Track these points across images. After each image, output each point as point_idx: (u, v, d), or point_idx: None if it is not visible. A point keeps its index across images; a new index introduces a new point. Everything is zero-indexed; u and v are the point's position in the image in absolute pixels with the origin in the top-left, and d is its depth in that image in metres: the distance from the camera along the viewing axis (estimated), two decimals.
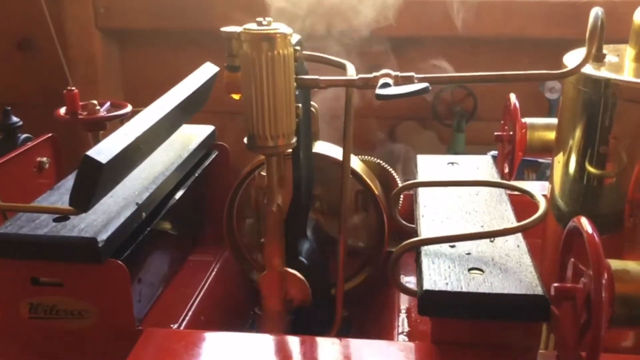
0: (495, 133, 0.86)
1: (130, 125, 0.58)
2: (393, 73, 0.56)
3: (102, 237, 0.55)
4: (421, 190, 0.72)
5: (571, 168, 0.63)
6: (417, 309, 0.52)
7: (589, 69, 0.59)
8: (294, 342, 0.55)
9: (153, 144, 0.63)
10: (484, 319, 0.52)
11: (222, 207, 0.77)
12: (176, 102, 0.66)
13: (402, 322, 0.70)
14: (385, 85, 0.53)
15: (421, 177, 0.77)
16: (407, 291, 0.53)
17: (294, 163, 0.61)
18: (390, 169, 0.83)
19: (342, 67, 0.62)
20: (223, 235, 0.78)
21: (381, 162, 0.83)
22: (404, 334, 0.68)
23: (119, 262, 0.56)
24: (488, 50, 1.55)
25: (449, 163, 0.81)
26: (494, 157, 0.88)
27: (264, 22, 0.53)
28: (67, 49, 1.53)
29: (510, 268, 0.55)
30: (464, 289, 0.51)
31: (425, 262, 0.56)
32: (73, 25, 1.54)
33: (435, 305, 0.52)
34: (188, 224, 0.80)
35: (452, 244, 0.59)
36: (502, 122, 0.85)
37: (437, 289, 0.52)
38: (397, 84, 0.55)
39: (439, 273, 0.54)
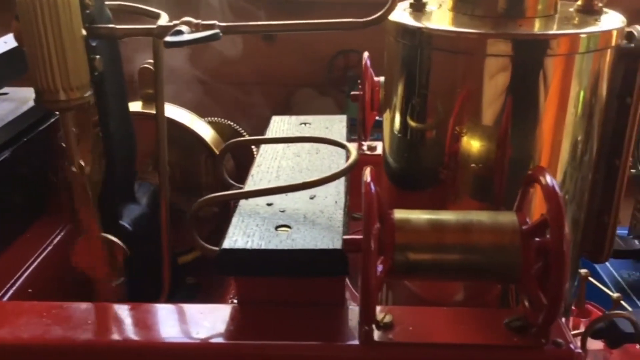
0: (352, 93, 0.85)
1: None
2: (194, 21, 0.52)
3: None
4: (262, 150, 0.70)
5: (396, 123, 0.61)
6: None
7: (406, 19, 0.58)
8: (88, 310, 0.52)
9: None
10: (285, 276, 0.50)
11: None
12: None
13: None
14: (178, 33, 0.50)
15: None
16: (207, 250, 0.51)
17: (101, 120, 0.57)
18: (243, 132, 0.80)
19: (157, 17, 0.58)
20: None
21: (232, 123, 0.80)
22: None
23: None
24: None
25: (301, 123, 0.79)
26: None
27: None
28: None
29: (319, 224, 0.53)
30: (263, 247, 0.50)
31: (234, 220, 0.54)
32: None
33: (233, 264, 0.50)
34: (22, 191, 0.75)
35: (269, 202, 0.57)
36: (358, 81, 0.84)
37: (235, 247, 0.50)
38: (197, 32, 0.52)
39: (244, 231, 0.52)
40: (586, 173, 0.59)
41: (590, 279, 0.83)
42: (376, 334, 0.47)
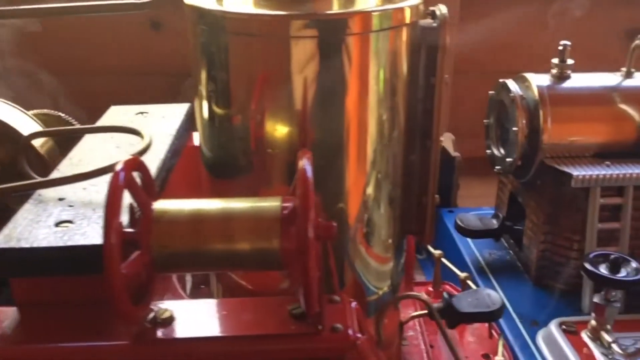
0: None
1: None
2: None
3: None
4: (83, 141, 0.66)
5: (204, 111, 0.59)
6: None
7: (200, 1, 0.55)
8: None
9: None
10: (57, 274, 0.47)
11: None
12: None
13: None
14: None
15: None
16: None
17: None
18: (74, 122, 0.77)
19: None
20: None
21: (63, 115, 0.76)
22: None
23: None
24: None
25: (138, 113, 0.76)
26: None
27: None
28: None
29: None
30: (33, 245, 0.46)
31: (15, 217, 0.50)
32: None
33: (2, 264, 0.46)
34: None
35: (62, 196, 0.54)
36: None
37: (5, 246, 0.46)
38: None
39: (21, 229, 0.49)
40: (397, 150, 0.59)
41: (443, 259, 0.84)
42: (150, 331, 0.45)
